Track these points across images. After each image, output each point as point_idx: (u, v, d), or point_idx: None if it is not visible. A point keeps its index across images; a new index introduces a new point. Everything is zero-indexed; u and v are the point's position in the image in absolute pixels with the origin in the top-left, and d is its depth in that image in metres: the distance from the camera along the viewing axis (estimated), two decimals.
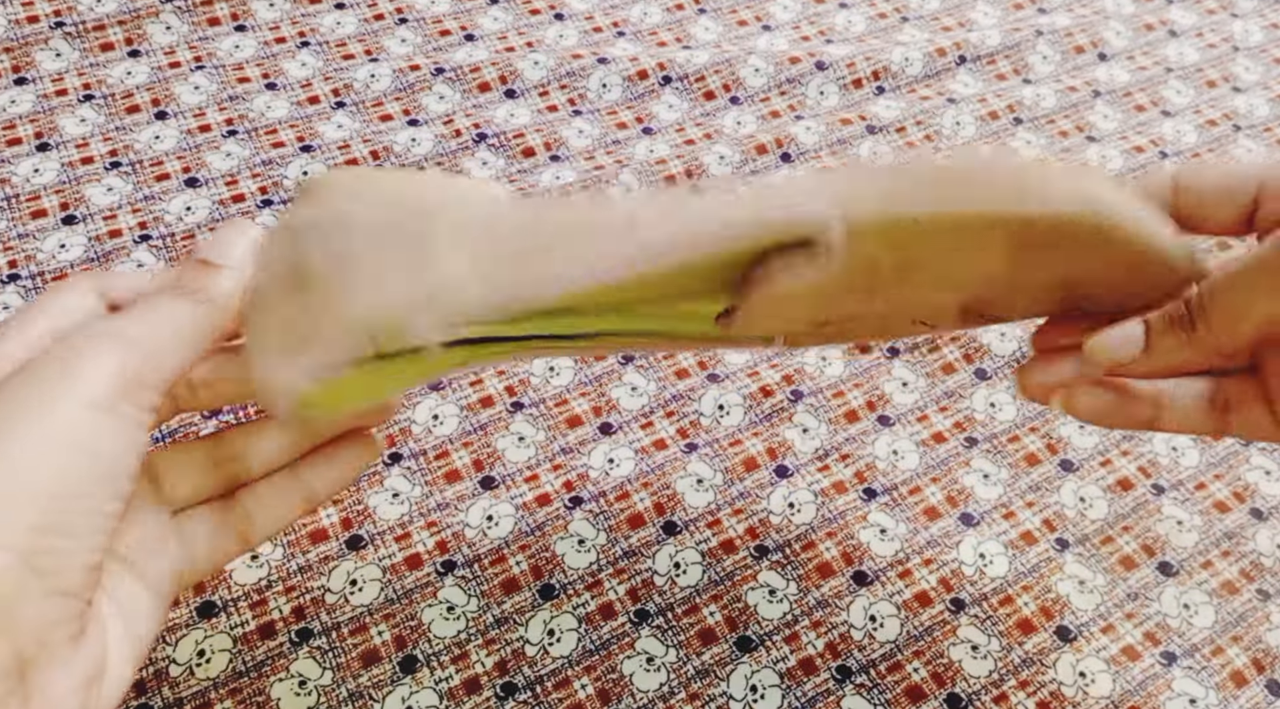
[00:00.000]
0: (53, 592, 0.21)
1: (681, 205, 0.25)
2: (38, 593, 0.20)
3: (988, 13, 0.64)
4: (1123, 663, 0.39)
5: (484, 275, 0.24)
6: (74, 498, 0.21)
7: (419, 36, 0.58)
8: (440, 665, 0.37)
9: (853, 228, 0.25)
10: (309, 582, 0.39)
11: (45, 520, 0.20)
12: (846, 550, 0.41)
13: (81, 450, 0.21)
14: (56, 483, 0.20)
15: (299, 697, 0.36)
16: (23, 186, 0.49)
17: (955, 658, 0.38)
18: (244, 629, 0.37)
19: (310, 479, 0.30)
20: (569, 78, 0.56)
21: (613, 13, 0.61)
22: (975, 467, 0.44)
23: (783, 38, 0.61)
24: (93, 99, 0.53)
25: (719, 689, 0.37)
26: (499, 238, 0.25)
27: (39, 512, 0.20)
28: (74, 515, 0.21)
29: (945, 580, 0.40)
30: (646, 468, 0.43)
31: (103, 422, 0.21)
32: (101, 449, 0.21)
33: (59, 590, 0.21)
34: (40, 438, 0.20)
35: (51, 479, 0.20)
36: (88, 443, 0.21)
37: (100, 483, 0.21)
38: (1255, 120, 0.60)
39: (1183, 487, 0.44)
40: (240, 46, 0.56)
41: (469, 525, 0.40)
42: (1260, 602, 0.41)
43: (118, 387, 0.22)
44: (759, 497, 0.42)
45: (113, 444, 0.21)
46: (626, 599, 0.39)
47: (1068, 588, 0.41)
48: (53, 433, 0.21)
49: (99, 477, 0.21)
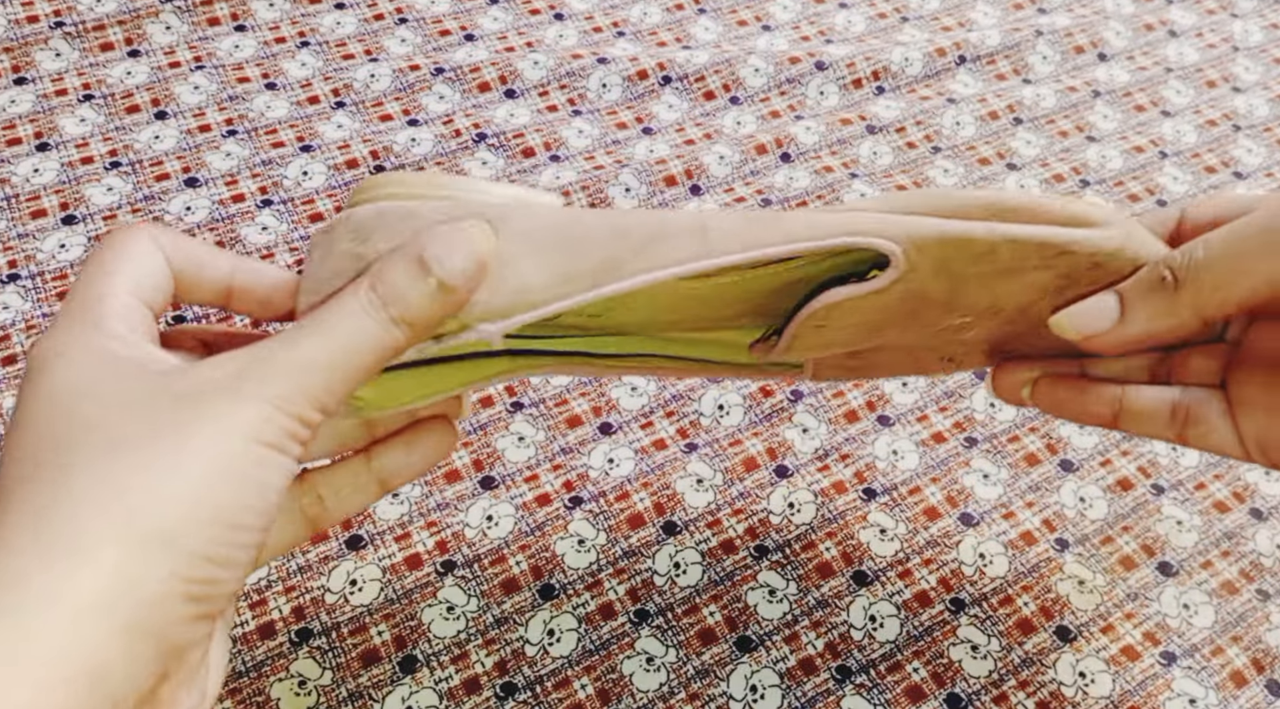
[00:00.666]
0: (201, 617, 0.21)
1: (754, 220, 0.26)
2: (189, 617, 0.20)
3: (988, 13, 0.64)
4: (1122, 663, 0.39)
5: (554, 274, 0.25)
6: (235, 530, 0.21)
7: (419, 36, 0.58)
8: (440, 665, 0.37)
9: (918, 248, 0.25)
10: (309, 582, 0.39)
11: (208, 550, 0.20)
12: (846, 550, 0.41)
13: (246, 483, 0.21)
14: (223, 514, 0.20)
15: (299, 697, 0.36)
16: (22, 186, 0.49)
17: (955, 658, 0.38)
18: (244, 629, 0.37)
19: (386, 464, 0.29)
20: (569, 78, 0.56)
21: (612, 13, 0.61)
22: (975, 467, 0.44)
23: (783, 38, 0.61)
24: (92, 99, 0.53)
25: (719, 689, 0.37)
26: (569, 240, 0.25)
27: (204, 541, 0.20)
28: (233, 547, 0.21)
29: (945, 580, 0.40)
30: (646, 468, 0.43)
31: (266, 455, 0.21)
32: (263, 481, 0.21)
33: (206, 615, 0.21)
34: (208, 469, 0.20)
35: (218, 510, 0.20)
36: (252, 475, 0.21)
37: (258, 515, 0.21)
38: (1255, 120, 0.60)
39: (1182, 487, 0.44)
40: (240, 46, 0.56)
41: (469, 525, 0.40)
42: (1260, 602, 0.41)
43: (284, 421, 0.21)
44: (759, 497, 0.42)
45: (272, 476, 0.21)
46: (626, 599, 0.39)
47: (1067, 588, 0.41)
48: (221, 465, 0.20)
49: (258, 509, 0.21)
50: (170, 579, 0.19)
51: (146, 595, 0.19)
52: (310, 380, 0.22)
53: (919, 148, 0.56)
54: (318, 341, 0.22)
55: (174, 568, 0.19)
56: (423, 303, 0.23)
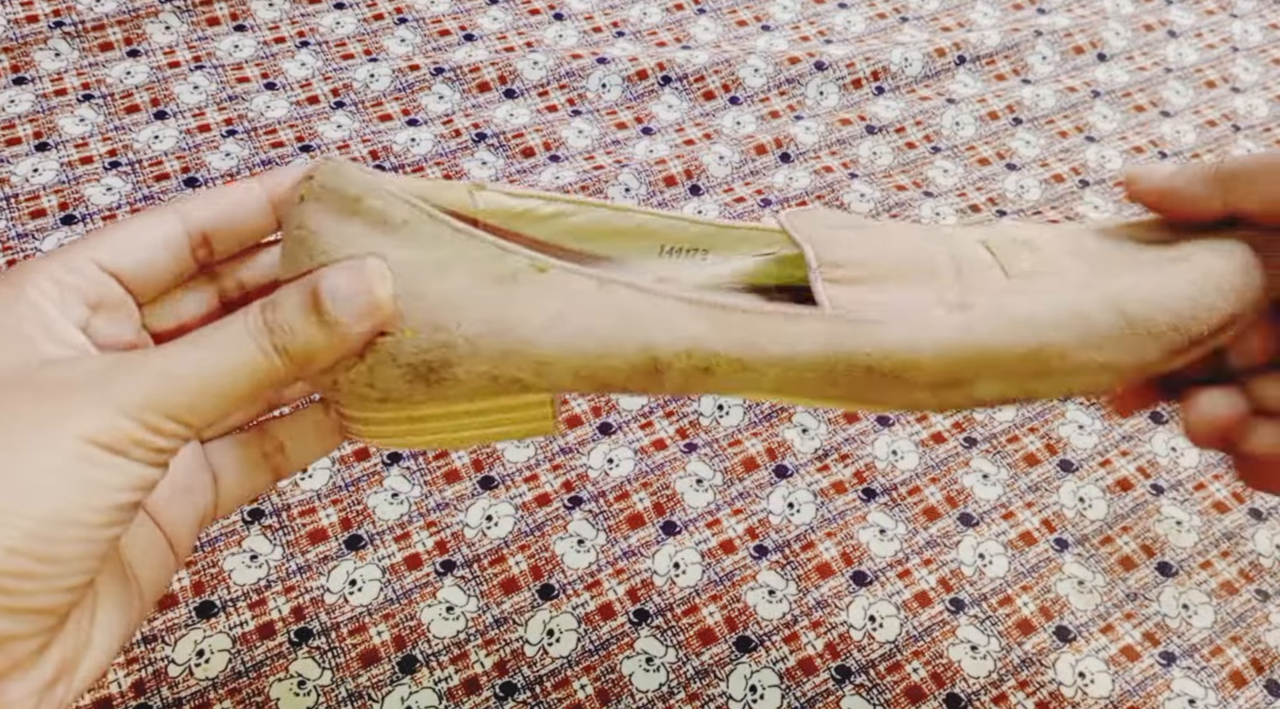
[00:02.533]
0: (21, 610, 0.20)
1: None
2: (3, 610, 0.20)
3: (987, 13, 0.64)
4: (1122, 663, 0.39)
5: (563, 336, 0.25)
6: (60, 525, 0.20)
7: (418, 36, 0.58)
8: (439, 665, 0.37)
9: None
10: (308, 582, 0.39)
11: (22, 545, 0.20)
12: (846, 551, 0.41)
13: (73, 481, 0.20)
14: (40, 508, 0.20)
15: (298, 697, 0.36)
16: (22, 186, 0.49)
17: (955, 658, 0.38)
18: (243, 629, 0.37)
19: None
20: (568, 78, 0.56)
21: (612, 13, 0.61)
22: (974, 467, 0.44)
23: (782, 38, 0.61)
24: (92, 99, 0.53)
25: (718, 689, 0.37)
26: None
27: (19, 534, 0.20)
28: (58, 543, 0.20)
29: (944, 581, 0.40)
30: (646, 468, 0.42)
31: (100, 457, 0.21)
32: (95, 480, 0.21)
33: (29, 609, 0.20)
34: (34, 463, 0.20)
35: (37, 505, 0.20)
36: (82, 474, 0.21)
37: (94, 512, 0.21)
38: (1254, 121, 0.60)
39: (1182, 487, 0.44)
40: (239, 46, 0.56)
41: (468, 525, 0.40)
42: (1259, 602, 0.41)
43: (129, 426, 0.21)
44: (758, 497, 0.42)
45: (108, 477, 0.21)
46: (626, 599, 0.39)
47: (1067, 588, 0.41)
48: (47, 460, 0.20)
49: (92, 508, 0.21)
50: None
51: None
52: (169, 390, 0.22)
53: (919, 148, 0.56)
54: (192, 355, 0.22)
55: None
56: (309, 337, 0.23)
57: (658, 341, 0.24)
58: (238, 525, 0.40)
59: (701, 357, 0.25)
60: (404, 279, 0.24)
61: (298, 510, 0.40)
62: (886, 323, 0.25)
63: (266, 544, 0.39)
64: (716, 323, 0.24)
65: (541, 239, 0.28)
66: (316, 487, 0.41)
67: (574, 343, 0.24)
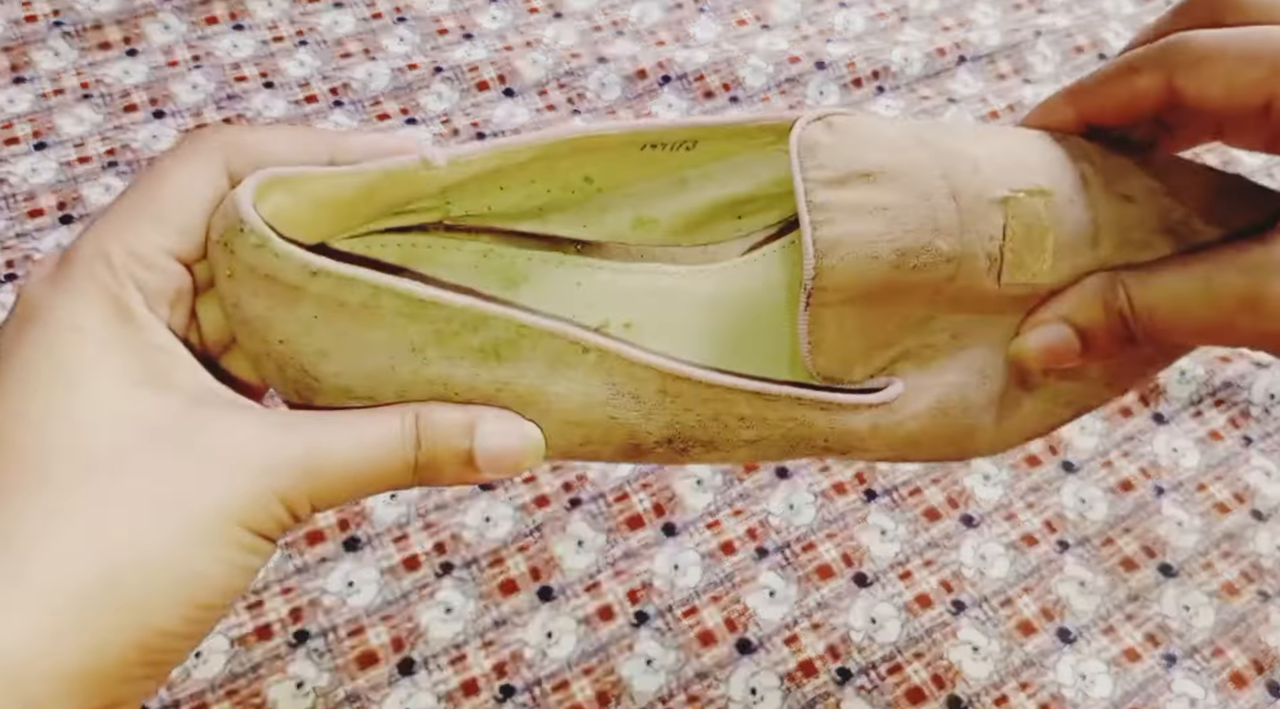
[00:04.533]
0: (159, 676, 0.20)
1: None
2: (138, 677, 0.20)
3: (987, 13, 0.64)
4: (1123, 664, 0.39)
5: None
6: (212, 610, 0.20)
7: (417, 35, 0.58)
8: (438, 667, 0.37)
9: None
10: (306, 583, 0.38)
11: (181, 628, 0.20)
12: (847, 552, 0.41)
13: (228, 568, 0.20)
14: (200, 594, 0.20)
15: (296, 698, 0.36)
16: (20, 186, 0.49)
17: (956, 660, 0.38)
18: (241, 630, 0.37)
19: None
20: (568, 77, 0.56)
21: (612, 12, 0.61)
22: (976, 468, 0.44)
23: (782, 37, 0.61)
24: (90, 98, 0.53)
25: (718, 691, 0.37)
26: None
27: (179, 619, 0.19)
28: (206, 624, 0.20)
29: (946, 582, 0.40)
30: (645, 468, 0.42)
31: (251, 541, 0.20)
32: (240, 565, 0.20)
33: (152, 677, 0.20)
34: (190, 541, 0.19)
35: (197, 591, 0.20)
36: (231, 558, 0.20)
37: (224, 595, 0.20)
38: None
39: (1183, 488, 0.44)
40: (238, 45, 0.56)
41: (467, 527, 0.40)
42: (1260, 603, 0.41)
43: (278, 511, 0.20)
44: (759, 498, 0.42)
45: (255, 562, 0.21)
46: (625, 601, 0.39)
47: (1068, 589, 0.40)
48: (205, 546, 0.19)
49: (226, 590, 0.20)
50: (130, 647, 0.19)
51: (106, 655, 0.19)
52: (318, 475, 0.21)
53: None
54: (342, 440, 0.21)
55: (138, 638, 0.19)
56: (449, 471, 0.23)
57: (637, 431, 0.24)
58: None
59: (680, 442, 0.25)
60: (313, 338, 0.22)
61: None
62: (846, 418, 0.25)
63: None
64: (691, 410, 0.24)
65: (513, 228, 0.27)
66: None
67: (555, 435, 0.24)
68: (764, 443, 0.25)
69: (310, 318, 0.22)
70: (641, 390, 0.23)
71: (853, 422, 0.25)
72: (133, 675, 0.19)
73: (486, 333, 0.22)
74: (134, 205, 0.22)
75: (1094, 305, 0.24)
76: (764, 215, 0.29)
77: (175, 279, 0.22)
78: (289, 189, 0.23)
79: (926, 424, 0.25)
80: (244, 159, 0.23)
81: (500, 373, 0.23)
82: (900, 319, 0.25)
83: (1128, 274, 0.24)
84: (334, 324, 0.22)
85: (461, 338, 0.22)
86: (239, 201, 0.21)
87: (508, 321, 0.22)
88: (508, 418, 0.23)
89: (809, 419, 0.24)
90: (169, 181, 0.22)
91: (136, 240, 0.21)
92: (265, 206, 0.22)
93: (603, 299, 0.28)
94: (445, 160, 0.24)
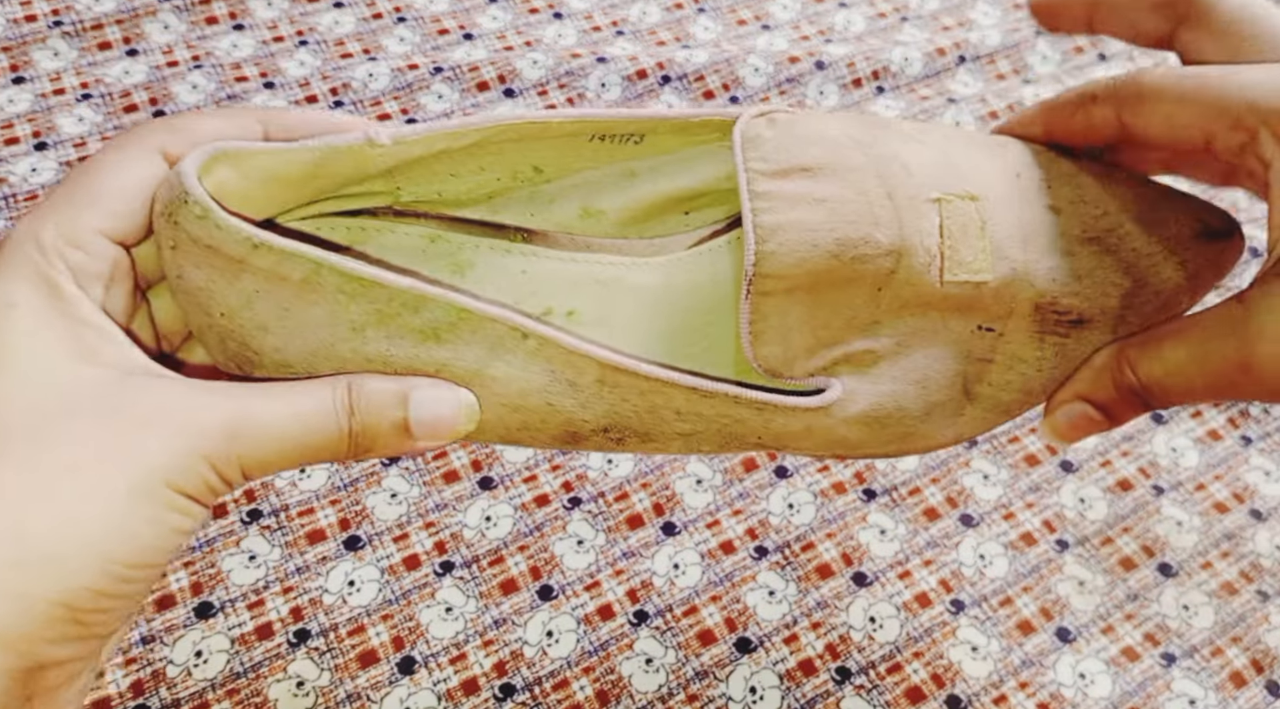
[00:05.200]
0: (89, 638, 0.21)
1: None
2: (69, 637, 0.20)
3: (987, 12, 0.64)
4: (1122, 664, 0.39)
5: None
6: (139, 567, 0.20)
7: (417, 35, 0.58)
8: (438, 666, 0.37)
9: None
10: (306, 582, 0.38)
11: (105, 585, 0.20)
12: (846, 551, 0.41)
13: (155, 526, 0.20)
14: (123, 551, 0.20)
15: (296, 697, 0.36)
16: (20, 186, 0.49)
17: (955, 659, 0.38)
18: (241, 629, 0.37)
19: None
20: (568, 77, 0.56)
21: (612, 12, 0.61)
22: (975, 467, 0.44)
23: (782, 37, 0.61)
24: (90, 98, 0.53)
25: (718, 690, 0.37)
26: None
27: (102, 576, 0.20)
28: (134, 583, 0.20)
29: (945, 581, 0.40)
30: (645, 468, 0.42)
31: (178, 501, 0.21)
32: (175, 526, 0.21)
33: (95, 636, 0.21)
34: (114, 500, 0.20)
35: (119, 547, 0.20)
36: (163, 519, 0.20)
37: (166, 554, 0.21)
38: None
39: (1182, 487, 0.44)
40: (238, 45, 0.56)
41: (467, 526, 0.40)
42: (1259, 603, 0.41)
43: (205, 471, 0.21)
44: (758, 497, 0.42)
45: (184, 523, 0.21)
46: (625, 600, 0.39)
47: (1067, 589, 0.40)
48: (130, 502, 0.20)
49: (167, 550, 0.21)
50: (54, 605, 0.19)
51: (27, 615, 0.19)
52: (248, 440, 0.21)
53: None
54: (273, 409, 0.22)
55: (60, 596, 0.19)
56: (384, 441, 0.23)
57: (574, 418, 0.24)
58: (236, 526, 0.40)
59: (615, 432, 0.25)
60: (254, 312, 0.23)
61: (296, 511, 0.40)
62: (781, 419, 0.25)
63: (265, 544, 0.39)
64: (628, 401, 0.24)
65: (461, 215, 0.27)
66: (315, 487, 0.41)
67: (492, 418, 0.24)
68: (699, 437, 0.25)
69: (252, 292, 0.22)
70: (579, 379, 0.24)
71: (788, 422, 0.25)
72: (63, 635, 0.20)
73: (428, 314, 0.23)
74: (68, 191, 0.22)
75: (1105, 383, 0.25)
76: (712, 211, 0.29)
77: (108, 259, 0.22)
78: (234, 164, 0.23)
79: (860, 429, 0.25)
80: (179, 141, 0.23)
81: (439, 354, 0.23)
82: (845, 319, 0.25)
83: (1131, 348, 0.25)
84: (275, 299, 0.22)
85: (402, 318, 0.23)
86: (183, 173, 0.22)
87: (449, 305, 0.23)
88: (441, 385, 0.23)
89: (744, 417, 0.25)
90: (103, 167, 0.23)
91: (67, 222, 0.22)
92: (210, 180, 0.22)
93: (547, 287, 0.28)
94: (390, 139, 0.24)
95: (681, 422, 0.25)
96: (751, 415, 0.25)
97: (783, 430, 0.25)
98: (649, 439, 0.25)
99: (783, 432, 0.25)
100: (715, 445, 0.26)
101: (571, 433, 0.25)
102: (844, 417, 0.25)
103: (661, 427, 0.25)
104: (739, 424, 0.25)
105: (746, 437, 0.25)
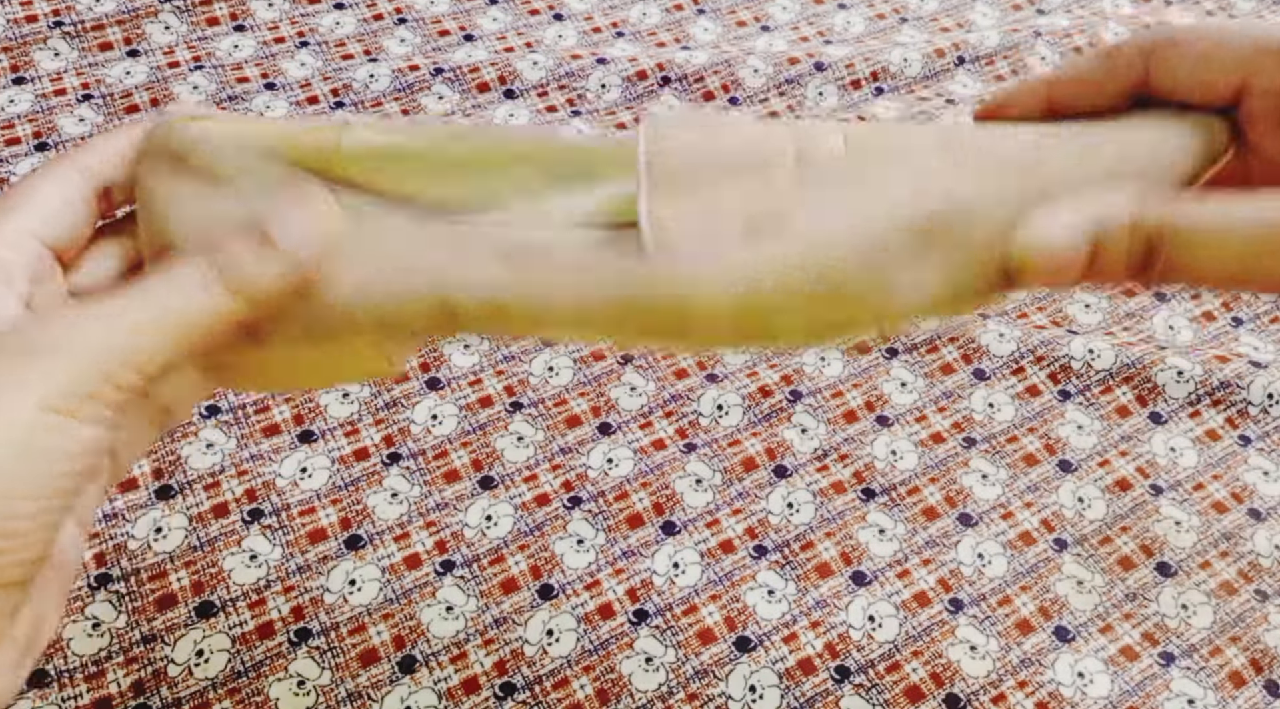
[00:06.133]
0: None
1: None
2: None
3: (986, 14, 0.64)
4: (1121, 663, 0.39)
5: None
6: (15, 499, 0.20)
7: (418, 36, 0.58)
8: (439, 665, 0.37)
9: None
10: (307, 581, 0.39)
11: None
12: (845, 551, 0.41)
13: (27, 452, 0.20)
14: (5, 483, 0.20)
15: (297, 697, 0.36)
16: None
17: (954, 658, 0.38)
18: (242, 629, 0.37)
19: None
20: (568, 78, 0.56)
21: (612, 13, 0.61)
22: (974, 467, 0.44)
23: (781, 38, 0.61)
24: (91, 99, 0.53)
25: (717, 689, 0.37)
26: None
27: None
28: (15, 518, 0.20)
29: (944, 581, 0.40)
30: (645, 468, 0.43)
31: (56, 422, 0.21)
32: (56, 449, 0.21)
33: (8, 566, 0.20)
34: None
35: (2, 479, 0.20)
36: (37, 444, 0.20)
37: (49, 482, 0.21)
38: None
39: (1181, 487, 0.44)
40: (239, 46, 0.56)
41: (468, 525, 0.40)
42: (1258, 602, 0.41)
43: (86, 382, 0.21)
44: (758, 497, 0.42)
45: (66, 444, 0.21)
46: (625, 599, 0.39)
47: (1066, 588, 0.41)
48: (3, 433, 0.20)
49: (47, 478, 0.21)
50: None
51: None
52: (129, 338, 0.22)
53: None
54: (146, 301, 0.22)
55: None
56: (263, 272, 0.23)
57: (453, 291, 0.24)
58: (237, 525, 0.40)
59: (495, 305, 0.24)
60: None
61: (297, 510, 0.40)
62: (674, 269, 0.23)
63: (266, 544, 0.39)
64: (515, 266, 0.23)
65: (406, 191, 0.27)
66: (316, 486, 0.41)
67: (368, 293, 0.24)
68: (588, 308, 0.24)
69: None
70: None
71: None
72: None
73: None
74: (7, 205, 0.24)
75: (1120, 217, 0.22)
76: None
77: (34, 256, 0.24)
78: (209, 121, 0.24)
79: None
80: (97, 157, 0.25)
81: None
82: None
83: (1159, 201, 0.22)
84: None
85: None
86: (169, 114, 0.23)
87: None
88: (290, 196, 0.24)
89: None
90: (31, 180, 0.24)
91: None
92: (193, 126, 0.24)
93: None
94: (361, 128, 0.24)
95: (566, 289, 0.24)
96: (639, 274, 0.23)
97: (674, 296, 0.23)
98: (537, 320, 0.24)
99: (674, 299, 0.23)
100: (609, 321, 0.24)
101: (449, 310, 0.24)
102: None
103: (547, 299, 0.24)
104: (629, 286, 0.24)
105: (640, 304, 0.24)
